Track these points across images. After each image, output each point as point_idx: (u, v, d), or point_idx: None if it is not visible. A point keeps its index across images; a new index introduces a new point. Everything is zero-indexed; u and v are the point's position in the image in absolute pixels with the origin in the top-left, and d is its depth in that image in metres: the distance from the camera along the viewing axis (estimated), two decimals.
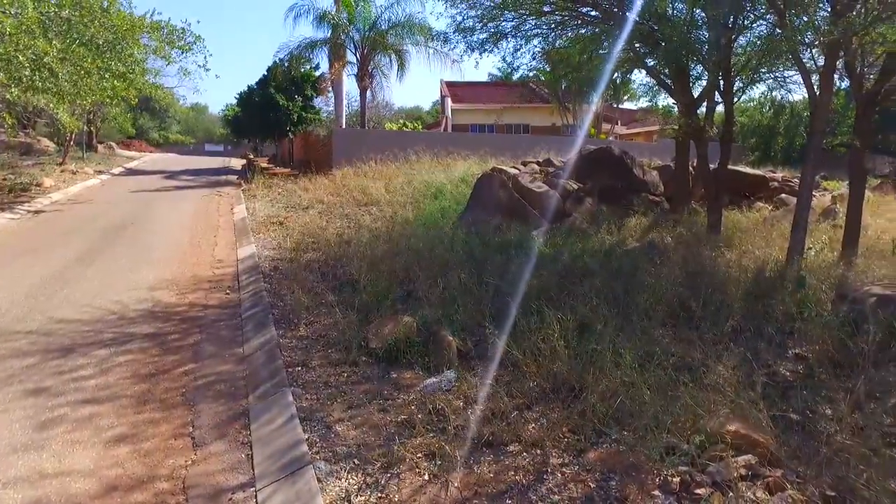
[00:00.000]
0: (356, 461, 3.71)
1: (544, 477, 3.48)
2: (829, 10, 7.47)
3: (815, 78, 7.89)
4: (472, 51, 11.54)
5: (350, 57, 25.47)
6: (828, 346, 5.18)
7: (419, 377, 4.97)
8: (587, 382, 4.30)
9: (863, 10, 7.07)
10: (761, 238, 9.54)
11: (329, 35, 24.47)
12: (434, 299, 6.53)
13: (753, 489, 3.16)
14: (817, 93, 7.71)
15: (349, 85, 29.75)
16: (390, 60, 25.80)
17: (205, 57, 18.21)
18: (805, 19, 7.38)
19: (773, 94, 16.07)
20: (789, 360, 5.27)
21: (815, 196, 14.30)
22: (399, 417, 4.25)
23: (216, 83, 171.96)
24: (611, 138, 30.48)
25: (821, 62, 8.31)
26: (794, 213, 7.85)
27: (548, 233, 9.45)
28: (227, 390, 5.08)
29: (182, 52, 16.03)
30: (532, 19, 11.22)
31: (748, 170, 15.64)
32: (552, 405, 4.29)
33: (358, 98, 27.64)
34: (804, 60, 8.19)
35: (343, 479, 3.53)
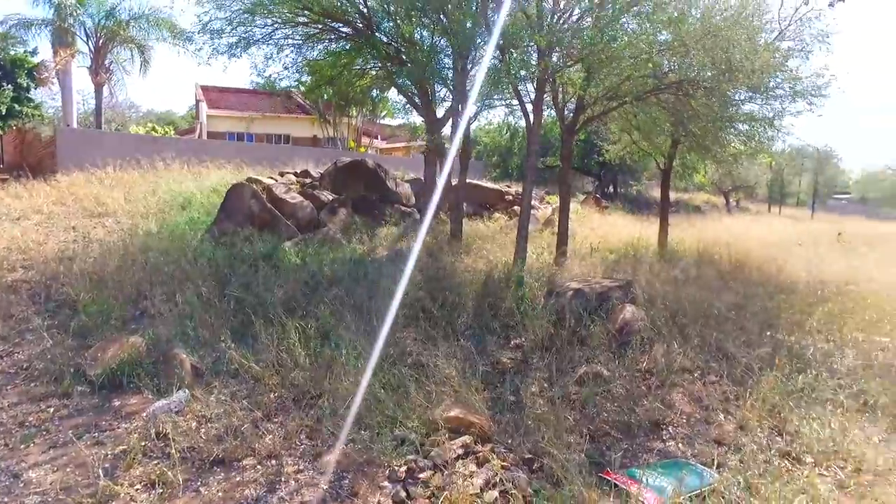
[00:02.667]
0: None
1: (277, 487, 3.44)
2: (536, 52, 8.87)
3: (530, 108, 9.26)
4: (220, 54, 10.91)
5: (82, 46, 21.94)
6: (539, 334, 6.09)
7: (148, 401, 4.50)
8: (325, 388, 4.38)
9: (560, 56, 8.56)
10: (496, 245, 10.82)
11: (52, 16, 20.77)
12: (170, 316, 5.98)
13: (466, 465, 3.55)
14: (531, 120, 9.06)
15: (83, 79, 25.56)
16: (132, 55, 22.93)
17: None
18: (518, 58, 8.62)
19: (509, 119, 18.49)
20: (511, 349, 6.07)
21: (540, 208, 16.78)
22: (117, 449, 3.79)
23: None
24: (371, 151, 31.51)
25: (534, 95, 9.80)
26: (518, 222, 9.09)
27: (300, 243, 9.37)
28: None
29: None
30: (284, 28, 11.07)
31: (489, 184, 17.61)
32: (292, 414, 4.26)
33: (94, 95, 23.92)
34: (522, 92, 9.55)
35: None
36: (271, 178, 14.42)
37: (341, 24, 10.76)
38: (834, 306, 8.23)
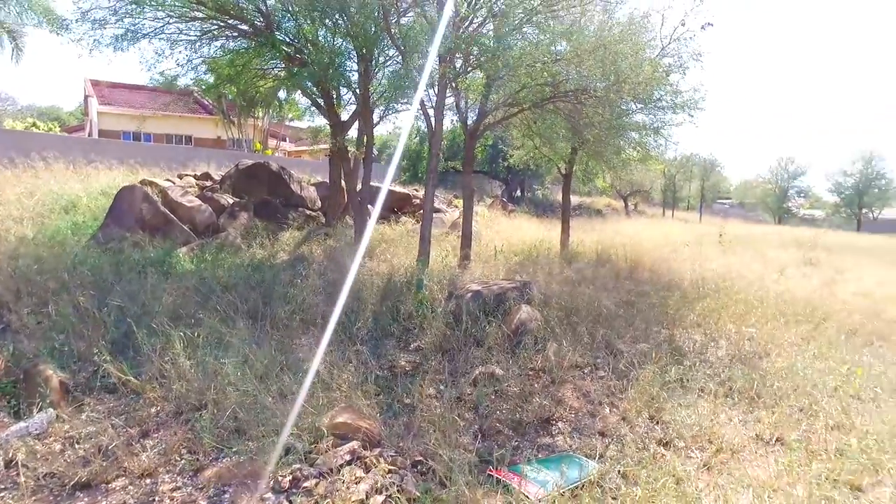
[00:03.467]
0: None
1: None
2: (438, 58, 8.98)
3: (432, 112, 9.35)
4: (105, 46, 10.15)
5: None
6: (437, 337, 6.15)
7: (3, 425, 4.08)
8: (209, 399, 4.17)
9: (460, 62, 8.72)
10: (401, 248, 10.82)
11: None
12: (38, 330, 5.47)
13: (353, 471, 3.50)
14: (433, 124, 9.16)
15: None
16: (1, 40, 20.80)
17: None
18: (419, 63, 8.68)
19: (417, 123, 18.58)
20: (409, 352, 6.07)
21: (447, 211, 16.98)
22: None
23: None
24: (278, 154, 30.58)
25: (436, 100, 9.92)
26: (420, 225, 9.14)
27: (196, 248, 8.91)
28: None
29: None
30: (178, 23, 10.48)
31: (397, 188, 17.63)
32: (173, 429, 4.02)
33: None
34: (424, 97, 9.63)
35: None
36: (168, 180, 13.62)
37: (239, 22, 10.35)
38: (712, 301, 8.93)
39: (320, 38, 10.36)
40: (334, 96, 11.15)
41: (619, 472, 3.70)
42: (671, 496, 3.39)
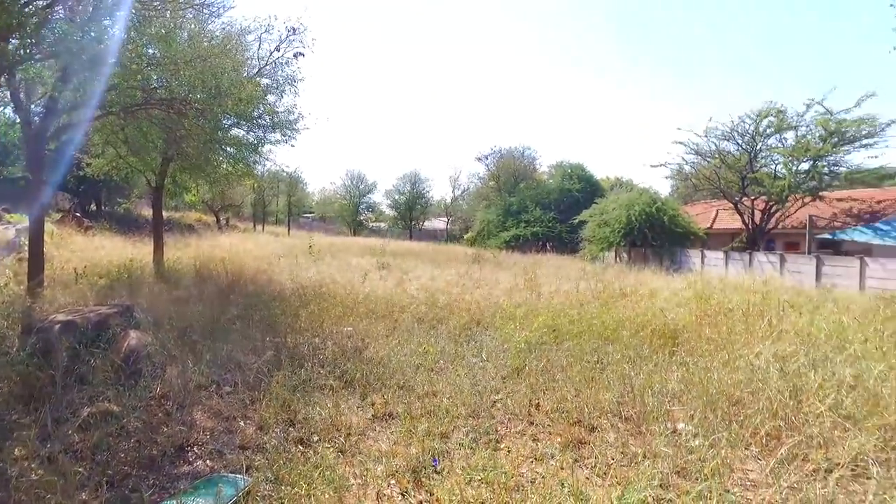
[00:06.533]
0: None
1: None
2: None
3: None
4: None
5: None
6: (15, 382, 4.95)
7: None
8: None
9: (24, 45, 7.10)
10: None
11: None
12: None
13: None
14: None
15: None
16: None
17: None
18: None
19: None
20: None
21: None
22: None
23: None
24: None
25: None
26: None
27: None
28: None
29: None
30: None
31: None
32: None
33: None
34: None
35: None
36: None
37: None
38: (314, 307, 9.79)
39: None
40: None
41: (272, 477, 3.84)
42: (324, 485, 3.74)
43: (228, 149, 11.46)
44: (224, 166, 12.21)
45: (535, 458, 4.43)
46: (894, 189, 27.13)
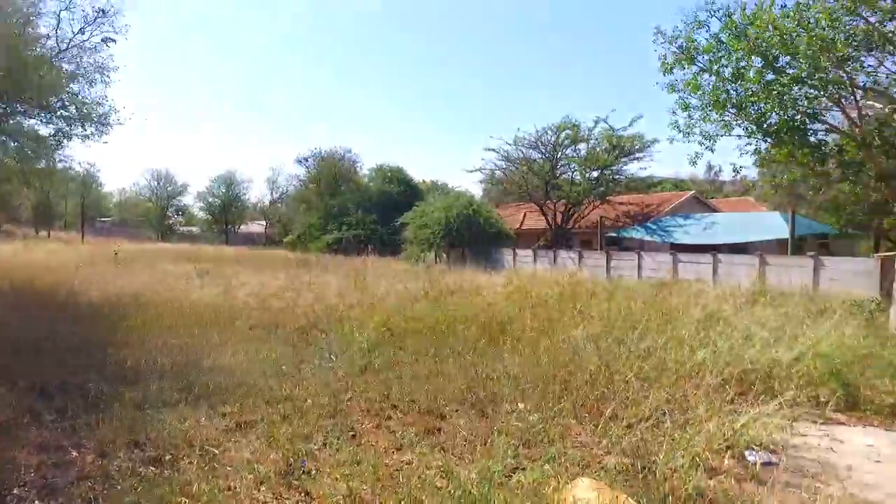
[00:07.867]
0: None
1: None
2: None
3: None
4: None
5: None
6: None
7: None
8: None
9: None
10: None
11: None
12: None
13: None
14: None
15: None
16: None
17: None
18: None
19: None
20: None
21: None
22: None
23: None
24: None
25: None
26: None
27: None
28: None
29: None
30: None
31: None
32: None
33: None
34: None
35: None
36: None
37: None
38: (137, 319, 8.94)
39: None
40: None
41: None
42: (191, 503, 3.60)
43: (10, 143, 9.85)
44: (7, 163, 10.50)
45: (397, 449, 4.70)
46: (658, 195, 33.55)
